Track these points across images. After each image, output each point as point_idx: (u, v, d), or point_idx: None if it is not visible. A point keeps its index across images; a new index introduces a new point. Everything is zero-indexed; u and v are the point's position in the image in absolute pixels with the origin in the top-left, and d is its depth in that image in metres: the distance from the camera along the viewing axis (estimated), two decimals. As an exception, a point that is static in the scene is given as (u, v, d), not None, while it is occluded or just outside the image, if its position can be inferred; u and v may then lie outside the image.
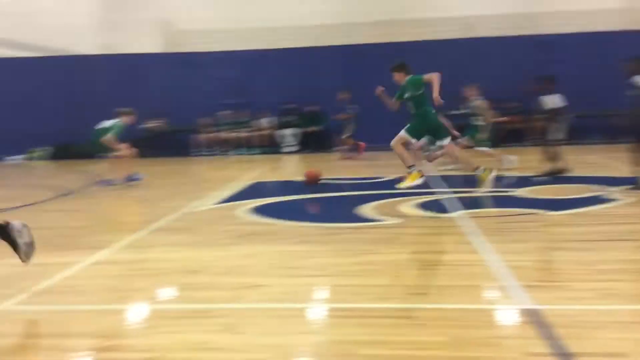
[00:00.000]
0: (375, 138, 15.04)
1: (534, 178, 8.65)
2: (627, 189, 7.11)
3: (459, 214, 6.16)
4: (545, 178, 8.52)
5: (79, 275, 4.46)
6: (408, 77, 7.12)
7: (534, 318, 3.24)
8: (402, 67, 7.24)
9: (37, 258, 4.51)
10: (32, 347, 3.13)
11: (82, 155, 15.62)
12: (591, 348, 2.82)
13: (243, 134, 16.13)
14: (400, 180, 7.36)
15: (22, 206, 7.74)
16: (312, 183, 8.69)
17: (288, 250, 5.01)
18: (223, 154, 15.90)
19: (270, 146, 16.02)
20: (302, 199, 7.88)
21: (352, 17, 16.64)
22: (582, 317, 3.24)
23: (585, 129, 14.60)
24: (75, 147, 16.03)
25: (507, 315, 3.42)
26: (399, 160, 7.30)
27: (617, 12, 16.21)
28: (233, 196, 8.14)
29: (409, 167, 7.15)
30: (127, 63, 16.50)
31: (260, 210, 6.82)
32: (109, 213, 7.74)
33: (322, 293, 3.97)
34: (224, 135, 16.13)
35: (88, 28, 16.59)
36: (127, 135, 10.00)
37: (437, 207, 6.64)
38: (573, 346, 2.84)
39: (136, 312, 3.70)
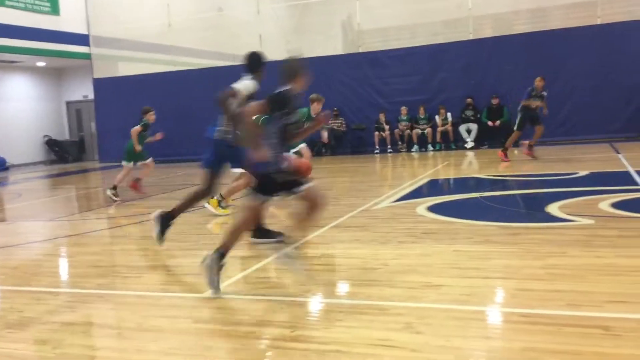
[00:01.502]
0: (555, 131, 14.10)
1: None
2: None
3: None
4: None
5: (267, 267, 4.82)
6: None
7: None
8: None
9: (240, 251, 4.96)
10: (230, 333, 3.46)
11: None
12: None
13: (422, 130, 16.04)
14: None
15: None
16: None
17: (467, 250, 4.90)
18: (402, 151, 15.99)
19: (449, 142, 15.75)
20: (482, 197, 7.62)
21: (538, 2, 15.69)
22: None
23: None
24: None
25: None
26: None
27: None
28: (410, 193, 8.16)
29: None
30: (313, 65, 17.36)
31: (438, 208, 6.75)
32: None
33: (503, 296, 3.83)
34: (401, 132, 16.22)
35: (276, 35, 17.75)
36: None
37: (636, 206, 6.00)
38: None
39: (319, 306, 3.90)
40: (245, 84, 5.43)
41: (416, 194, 8.16)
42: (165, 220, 5.50)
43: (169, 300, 4.15)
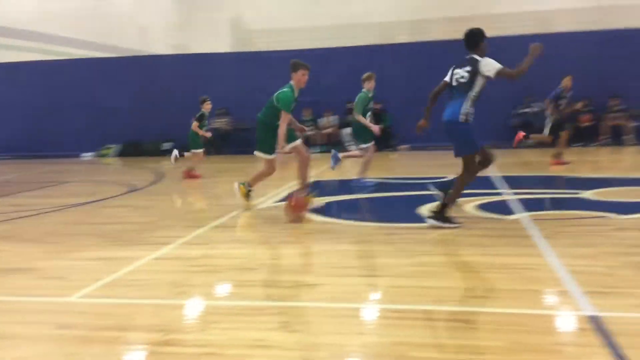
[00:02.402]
0: (425, 137, 14.89)
1: None
2: None
3: (522, 216, 5.99)
4: None
5: (142, 269, 4.64)
6: None
7: (595, 325, 3.12)
8: None
9: (104, 252, 4.72)
10: (95, 339, 3.28)
11: (148, 152, 16.31)
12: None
13: (310, 132, 16.24)
14: None
15: (93, 202, 8.12)
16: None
17: (346, 249, 5.03)
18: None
19: (334, 144, 16.08)
20: (362, 198, 7.87)
21: (421, 14, 16.47)
22: (648, 326, 3.10)
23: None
24: (143, 144, 16.73)
25: (568, 322, 3.31)
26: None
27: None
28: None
29: None
30: (198, 62, 16.98)
31: (320, 209, 6.87)
32: (174, 209, 7.99)
33: (377, 294, 3.97)
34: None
35: (160, 28, 17.20)
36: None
37: (499, 208, 6.48)
38: (633, 356, 2.71)
39: (194, 308, 3.81)
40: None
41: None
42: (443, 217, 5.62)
43: (31, 306, 3.87)
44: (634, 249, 4.65)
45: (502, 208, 6.50)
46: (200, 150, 10.62)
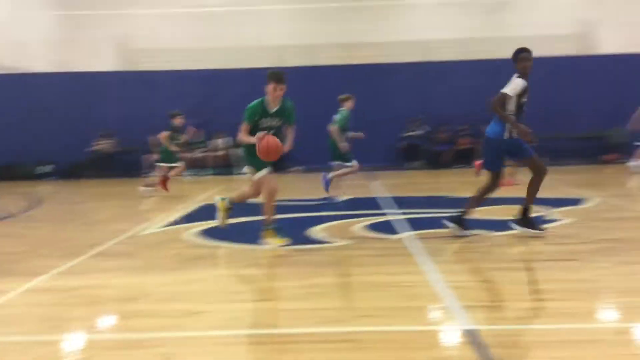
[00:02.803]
0: (320, 158, 15.12)
1: None
2: None
3: (408, 235, 6.20)
4: None
5: (11, 303, 4.26)
6: None
7: (473, 339, 3.25)
8: None
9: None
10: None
11: (24, 176, 15.22)
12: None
13: (198, 154, 15.94)
14: None
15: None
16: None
17: (234, 274, 4.93)
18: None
19: (225, 167, 15.89)
20: (252, 221, 7.78)
21: (313, 39, 16.80)
22: (519, 336, 3.29)
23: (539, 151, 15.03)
24: (18, 167, 15.58)
25: (448, 336, 3.43)
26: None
27: (569, 38, 16.89)
28: (181, 219, 8.00)
29: None
30: (82, 81, 16.18)
31: (209, 233, 6.71)
32: (49, 237, 7.45)
33: (264, 318, 3.91)
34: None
35: (42, 45, 16.23)
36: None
37: (386, 228, 6.67)
38: (509, 367, 2.86)
39: (70, 343, 3.54)
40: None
41: (187, 219, 8.02)
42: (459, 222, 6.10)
43: None
44: (508, 263, 4.95)
45: (388, 228, 6.69)
46: (179, 165, 11.06)
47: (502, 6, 17.57)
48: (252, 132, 5.84)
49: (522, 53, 6.23)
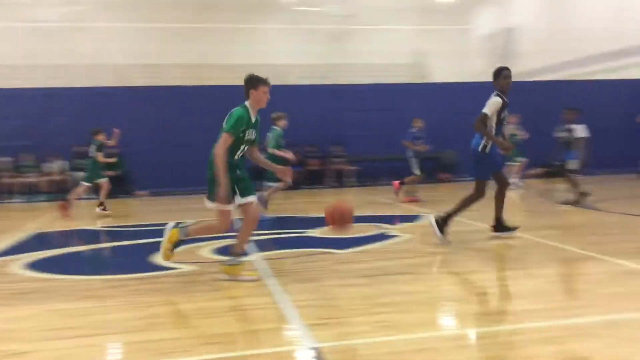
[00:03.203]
0: (166, 182, 14.59)
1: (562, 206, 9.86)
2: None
3: (255, 257, 6.17)
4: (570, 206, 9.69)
5: None
6: None
7: (316, 356, 3.28)
8: None
9: None
10: None
11: None
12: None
13: (29, 179, 14.65)
14: None
15: None
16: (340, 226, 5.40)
17: (65, 308, 4.52)
18: (4, 202, 14.24)
19: (61, 192, 14.74)
20: (89, 250, 7.27)
21: (156, 59, 16.33)
22: (360, 351, 3.37)
23: (374, 171, 15.91)
24: None
25: (293, 357, 3.43)
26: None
27: (405, 67, 18.17)
28: (8, 250, 7.24)
29: None
30: None
31: (39, 265, 6.14)
32: None
33: (98, 354, 3.62)
34: (5, 180, 14.50)
35: None
36: None
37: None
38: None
39: None
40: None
41: (14, 250, 7.27)
42: (442, 223, 6.68)
43: None
44: (350, 280, 5.10)
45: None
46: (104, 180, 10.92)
47: (345, 35, 18.50)
48: (232, 147, 5.01)
49: (504, 71, 6.71)
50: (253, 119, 5.16)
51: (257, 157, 5.45)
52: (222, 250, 6.61)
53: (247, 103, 5.15)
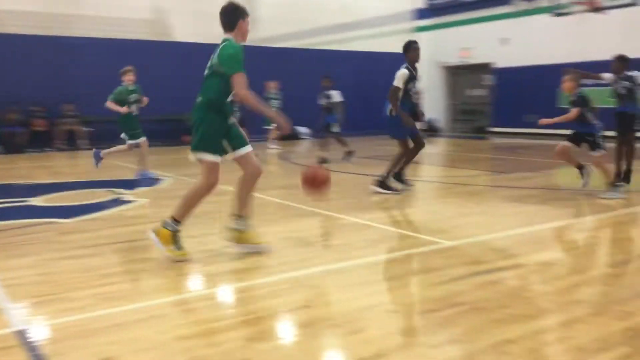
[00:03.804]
0: None
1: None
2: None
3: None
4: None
5: None
6: None
7: (22, 340, 2.92)
8: None
9: None
10: None
11: None
12: (78, 358, 2.70)
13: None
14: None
15: None
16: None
17: None
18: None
19: None
20: None
21: None
22: (80, 326, 3.10)
23: (109, 133, 14.97)
24: None
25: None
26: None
27: (144, 22, 17.15)
28: None
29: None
30: None
31: None
32: None
33: None
34: None
35: None
36: None
37: None
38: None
39: None
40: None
41: None
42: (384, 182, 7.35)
43: None
44: (74, 251, 4.67)
45: None
46: None
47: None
48: (227, 89, 4.23)
49: (413, 44, 7.10)
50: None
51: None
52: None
53: (231, 37, 4.36)
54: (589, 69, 8.06)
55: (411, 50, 7.14)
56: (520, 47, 18.37)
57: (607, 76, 7.51)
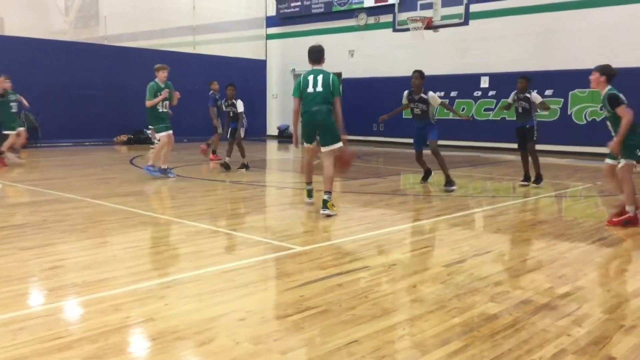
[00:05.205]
0: None
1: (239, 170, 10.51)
2: None
3: None
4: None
5: None
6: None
7: None
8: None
9: None
10: None
11: None
12: None
13: None
14: None
15: None
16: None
17: None
18: None
19: None
20: None
21: None
22: None
23: None
24: None
25: None
26: None
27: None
28: None
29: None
30: None
31: None
32: None
33: None
34: None
35: None
36: None
37: None
38: None
39: None
40: None
41: None
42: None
43: None
44: None
45: None
46: None
47: None
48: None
49: (413, 73, 8.62)
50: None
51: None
52: None
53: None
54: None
55: (412, 78, 8.61)
56: (365, 59, 19.34)
57: (511, 95, 8.87)
